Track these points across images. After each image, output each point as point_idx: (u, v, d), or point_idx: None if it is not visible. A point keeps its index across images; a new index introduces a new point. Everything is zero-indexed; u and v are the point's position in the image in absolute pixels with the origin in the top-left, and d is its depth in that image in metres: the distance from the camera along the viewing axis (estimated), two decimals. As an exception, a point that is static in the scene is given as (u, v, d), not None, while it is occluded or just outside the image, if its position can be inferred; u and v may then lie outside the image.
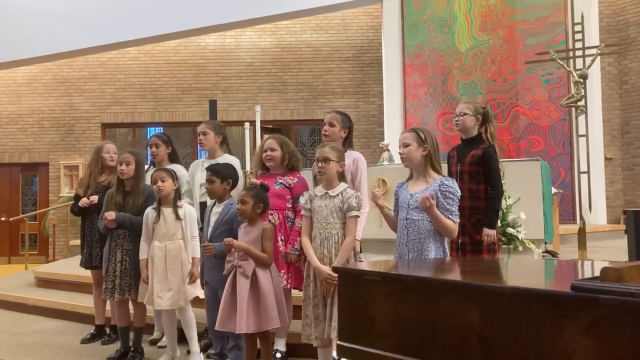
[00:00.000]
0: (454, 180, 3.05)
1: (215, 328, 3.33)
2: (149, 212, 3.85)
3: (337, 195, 3.21)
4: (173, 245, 3.77)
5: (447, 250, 3.04)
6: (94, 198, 4.40)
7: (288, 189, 3.72)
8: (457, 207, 2.96)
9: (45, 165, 11.37)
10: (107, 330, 4.62)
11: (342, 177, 3.29)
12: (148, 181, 4.30)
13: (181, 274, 3.74)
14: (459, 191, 2.99)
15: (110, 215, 3.89)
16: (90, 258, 4.51)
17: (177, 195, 3.86)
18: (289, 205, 3.71)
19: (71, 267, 6.43)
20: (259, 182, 3.48)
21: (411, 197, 2.99)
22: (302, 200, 3.35)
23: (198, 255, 3.74)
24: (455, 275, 2.36)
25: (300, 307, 3.37)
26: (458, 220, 2.97)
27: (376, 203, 3.10)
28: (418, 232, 2.96)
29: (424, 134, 3.05)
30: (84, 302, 5.28)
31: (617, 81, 10.16)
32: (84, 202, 4.42)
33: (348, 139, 3.74)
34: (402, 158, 3.07)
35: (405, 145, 3.03)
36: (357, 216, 3.20)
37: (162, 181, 3.75)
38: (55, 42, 10.37)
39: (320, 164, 3.21)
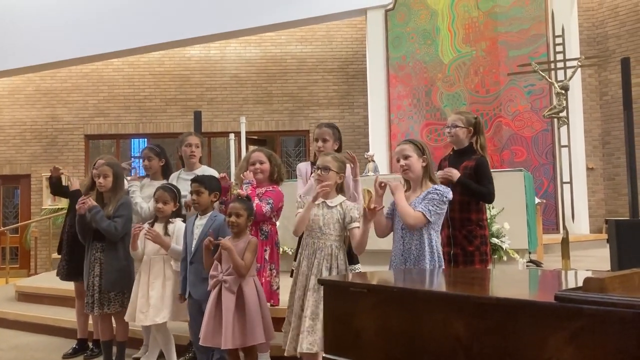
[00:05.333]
0: (449, 188, 3.02)
1: (200, 343, 3.30)
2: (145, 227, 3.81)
3: (336, 206, 3.19)
4: (156, 259, 3.75)
5: (442, 260, 3.01)
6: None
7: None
8: (437, 208, 2.91)
9: (27, 177, 11.24)
10: (90, 344, 4.55)
11: (340, 189, 3.27)
12: (147, 192, 4.26)
13: (161, 289, 3.70)
14: (449, 196, 2.96)
15: (90, 202, 3.82)
16: (68, 269, 4.43)
17: (175, 213, 3.83)
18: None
19: (53, 280, 6.30)
20: (245, 193, 3.46)
21: None
22: (299, 198, 3.32)
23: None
24: (440, 286, 2.37)
25: (277, 320, 3.36)
26: (430, 218, 2.90)
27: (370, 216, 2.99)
28: (412, 241, 2.96)
29: (422, 145, 3.06)
30: (66, 316, 5.20)
31: (597, 92, 10.33)
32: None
33: (339, 151, 3.76)
34: (403, 170, 3.04)
35: (406, 157, 3.02)
36: (360, 227, 3.13)
37: (165, 204, 3.75)
38: (38, 53, 10.29)
39: (319, 172, 3.20)
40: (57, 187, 4.54)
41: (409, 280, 2.52)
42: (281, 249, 4.07)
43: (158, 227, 3.77)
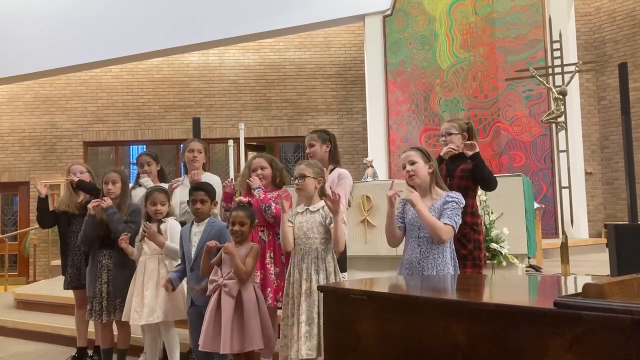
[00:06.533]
0: (460, 194, 3.04)
1: (200, 349, 3.29)
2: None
3: (318, 210, 3.22)
4: (151, 259, 3.78)
5: (457, 265, 3.03)
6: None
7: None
8: (457, 215, 2.92)
9: (25, 184, 11.23)
10: (90, 352, 4.53)
11: (323, 193, 3.29)
12: (136, 198, 4.30)
13: (155, 289, 3.71)
14: (464, 202, 3.00)
15: (107, 201, 3.88)
16: (78, 277, 4.41)
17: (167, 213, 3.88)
18: None
19: (52, 288, 6.33)
20: (246, 199, 3.48)
21: None
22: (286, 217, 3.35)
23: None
24: (439, 293, 2.37)
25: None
26: (456, 228, 2.92)
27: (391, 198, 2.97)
28: (431, 249, 2.94)
29: (428, 152, 3.07)
30: (66, 324, 5.19)
31: (595, 97, 10.35)
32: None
33: (332, 153, 3.78)
34: (410, 176, 3.03)
35: (412, 163, 3.02)
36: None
37: (162, 205, 3.79)
38: (36, 61, 10.30)
39: (297, 181, 3.25)
40: (46, 214, 4.48)
41: (409, 286, 2.52)
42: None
43: (152, 227, 3.80)
